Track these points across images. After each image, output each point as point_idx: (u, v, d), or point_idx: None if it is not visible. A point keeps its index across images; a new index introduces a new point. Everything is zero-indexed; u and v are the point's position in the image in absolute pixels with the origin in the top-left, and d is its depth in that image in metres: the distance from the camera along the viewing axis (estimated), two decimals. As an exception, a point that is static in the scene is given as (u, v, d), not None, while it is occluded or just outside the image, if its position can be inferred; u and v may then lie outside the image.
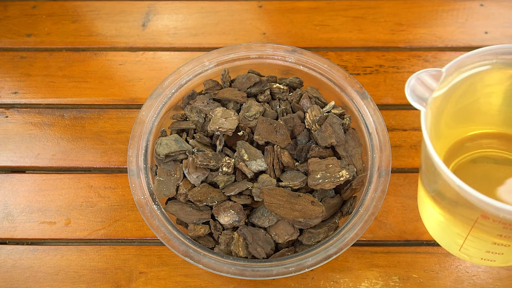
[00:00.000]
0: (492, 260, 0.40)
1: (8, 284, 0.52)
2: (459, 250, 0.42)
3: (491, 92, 0.41)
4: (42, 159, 0.61)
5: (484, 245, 0.39)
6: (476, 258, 0.41)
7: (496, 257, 0.39)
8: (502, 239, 0.36)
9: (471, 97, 0.41)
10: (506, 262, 0.42)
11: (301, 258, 0.45)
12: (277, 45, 0.57)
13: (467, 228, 0.38)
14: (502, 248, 0.37)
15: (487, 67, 0.39)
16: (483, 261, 0.41)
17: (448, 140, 0.43)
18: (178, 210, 0.49)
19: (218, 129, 0.50)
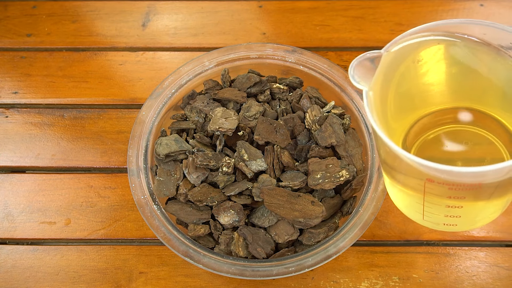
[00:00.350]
0: (454, 224, 0.41)
1: (8, 284, 0.52)
2: (422, 219, 0.42)
3: (429, 69, 0.42)
4: (42, 159, 0.61)
5: (440, 209, 0.39)
6: (439, 225, 0.42)
7: (455, 220, 0.40)
8: (453, 201, 0.36)
9: (414, 76, 0.42)
10: (467, 226, 0.43)
11: (301, 258, 0.45)
12: (277, 45, 0.57)
13: (420, 194, 0.38)
14: (457, 210, 0.38)
15: (419, 40, 0.41)
16: (445, 227, 0.42)
17: (408, 120, 0.43)
18: (178, 210, 0.49)
19: (218, 129, 0.50)
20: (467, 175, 0.33)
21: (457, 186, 0.34)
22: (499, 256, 0.53)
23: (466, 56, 0.41)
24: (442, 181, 0.34)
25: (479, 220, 0.42)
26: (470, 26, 0.39)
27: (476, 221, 0.42)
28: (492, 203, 0.39)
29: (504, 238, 0.54)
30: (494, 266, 0.52)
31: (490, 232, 0.55)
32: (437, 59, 0.42)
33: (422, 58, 0.41)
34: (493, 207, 0.41)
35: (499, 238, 0.54)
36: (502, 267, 0.52)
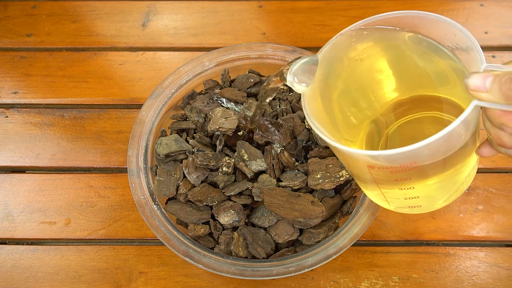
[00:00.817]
0: (418, 205, 0.41)
1: (8, 284, 0.52)
2: (389, 205, 0.42)
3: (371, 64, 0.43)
4: (42, 159, 0.61)
5: (396, 193, 0.40)
6: (405, 208, 0.42)
7: (416, 201, 0.40)
8: (402, 183, 0.37)
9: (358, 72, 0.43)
10: (431, 205, 0.43)
11: (301, 258, 0.45)
12: (277, 45, 0.57)
13: (373, 183, 0.39)
14: (411, 191, 0.39)
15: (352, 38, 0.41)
16: (411, 209, 0.42)
17: (366, 117, 0.44)
18: (178, 210, 0.49)
19: (218, 129, 0.50)
20: (384, 157, 0.34)
21: (395, 169, 0.35)
22: (499, 256, 0.53)
23: (398, 47, 0.42)
24: (380, 166, 0.35)
25: (441, 197, 0.42)
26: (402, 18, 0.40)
27: (438, 199, 0.43)
28: (446, 179, 0.39)
29: (504, 238, 0.54)
30: (494, 266, 0.52)
31: (490, 232, 0.55)
32: (374, 54, 0.42)
33: (361, 55, 0.42)
34: (450, 183, 0.41)
35: (499, 238, 0.54)
36: (502, 267, 0.52)
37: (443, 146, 0.33)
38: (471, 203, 0.57)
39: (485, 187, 0.58)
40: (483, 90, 0.30)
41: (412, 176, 0.36)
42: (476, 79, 0.31)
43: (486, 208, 0.56)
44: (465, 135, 0.34)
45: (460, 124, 0.30)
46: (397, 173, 0.35)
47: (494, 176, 0.58)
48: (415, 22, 0.40)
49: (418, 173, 0.36)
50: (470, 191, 0.58)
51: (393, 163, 0.34)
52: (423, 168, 0.35)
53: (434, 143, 0.31)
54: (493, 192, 0.57)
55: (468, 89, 0.31)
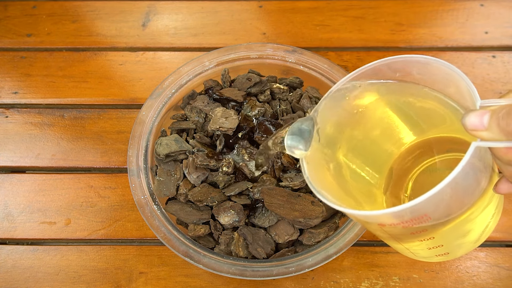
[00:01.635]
0: (445, 253, 0.40)
1: (8, 284, 0.52)
2: (416, 257, 0.41)
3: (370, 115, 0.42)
4: (42, 159, 0.61)
5: (418, 245, 0.38)
6: (432, 257, 0.41)
7: (442, 249, 0.39)
8: (421, 235, 0.36)
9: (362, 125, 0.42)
10: (460, 249, 0.42)
11: (301, 258, 0.45)
12: (277, 45, 0.57)
13: (391, 239, 0.38)
14: (433, 241, 0.37)
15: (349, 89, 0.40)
16: (441, 257, 0.41)
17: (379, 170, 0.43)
18: (178, 210, 0.49)
19: (219, 128, 0.50)
20: (372, 218, 0.33)
21: (406, 223, 0.33)
22: (499, 256, 0.53)
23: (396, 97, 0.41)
24: (389, 223, 0.34)
25: (469, 239, 0.40)
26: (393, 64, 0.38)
27: (465, 242, 0.40)
28: (466, 223, 0.37)
29: (505, 238, 0.54)
30: (494, 266, 0.52)
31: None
32: (373, 106, 0.41)
33: (359, 108, 0.41)
34: (472, 225, 0.39)
35: (499, 238, 0.54)
36: (503, 267, 0.52)
37: (451, 194, 0.31)
38: (471, 203, 0.57)
39: (485, 187, 0.58)
40: (481, 129, 0.29)
41: (427, 228, 0.34)
42: (473, 118, 0.29)
43: (486, 208, 0.56)
44: (478, 179, 0.32)
45: (464, 169, 0.28)
46: (410, 227, 0.34)
47: (494, 176, 0.58)
48: (404, 66, 0.38)
49: (432, 223, 0.34)
50: (470, 191, 0.57)
51: (400, 218, 0.33)
52: (432, 220, 0.33)
53: (437, 196, 0.29)
54: (493, 192, 0.57)
55: (466, 130, 0.30)
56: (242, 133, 0.52)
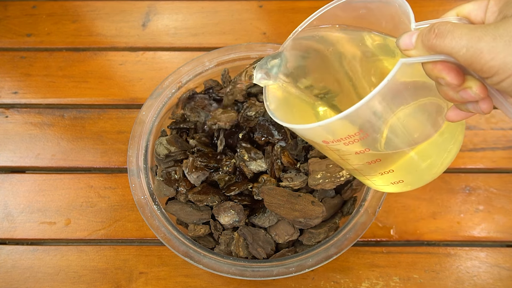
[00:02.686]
0: (400, 180, 0.40)
1: (8, 284, 0.52)
2: (374, 184, 0.42)
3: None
4: (42, 159, 0.61)
5: (368, 168, 0.40)
6: (388, 186, 0.41)
7: (395, 175, 0.39)
8: (365, 156, 0.37)
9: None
10: (415, 178, 0.41)
11: (302, 258, 0.45)
12: (277, 45, 0.57)
13: (340, 159, 0.40)
14: (380, 165, 0.38)
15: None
16: (396, 186, 0.41)
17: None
18: (178, 210, 0.49)
19: (216, 122, 0.50)
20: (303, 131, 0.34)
21: (345, 140, 0.34)
22: (500, 256, 0.53)
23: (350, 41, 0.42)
24: (329, 140, 0.35)
25: (425, 168, 0.40)
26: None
27: (420, 170, 0.40)
28: (421, 148, 0.38)
29: (505, 239, 0.54)
30: (495, 266, 0.52)
31: (491, 233, 0.55)
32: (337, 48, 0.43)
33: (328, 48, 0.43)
34: (429, 151, 0.39)
35: (500, 238, 0.54)
36: (503, 267, 0.52)
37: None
38: (471, 203, 0.57)
39: (486, 187, 0.58)
40: (411, 48, 0.30)
41: (367, 145, 0.35)
42: (404, 38, 0.31)
43: (486, 208, 0.56)
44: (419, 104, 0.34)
45: (389, 84, 0.30)
46: (350, 145, 0.35)
47: (495, 176, 0.58)
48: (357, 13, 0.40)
49: (371, 141, 0.35)
50: (471, 191, 0.57)
51: (333, 134, 0.34)
52: (369, 136, 0.35)
53: (364, 108, 0.30)
54: (493, 192, 0.57)
55: (401, 50, 0.31)
56: (242, 133, 0.52)
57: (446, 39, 0.28)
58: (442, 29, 0.28)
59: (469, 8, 0.32)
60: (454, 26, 0.28)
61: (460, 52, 0.27)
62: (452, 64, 0.29)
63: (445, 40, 0.28)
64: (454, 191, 0.57)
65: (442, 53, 0.29)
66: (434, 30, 0.29)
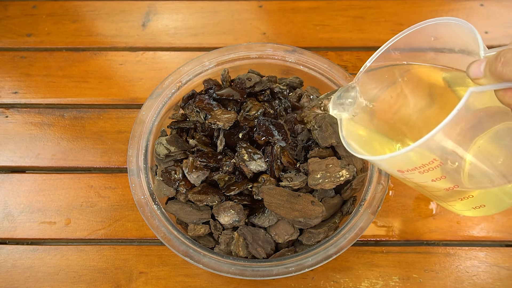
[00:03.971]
0: (481, 205, 0.40)
1: (8, 284, 0.52)
2: (455, 209, 0.42)
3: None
4: (42, 159, 0.61)
5: (450, 194, 0.39)
6: (469, 211, 0.41)
7: (474, 201, 0.39)
8: (441, 183, 0.37)
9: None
10: (499, 205, 0.41)
11: (301, 258, 0.45)
12: (277, 45, 0.57)
13: (423, 188, 0.39)
14: (459, 191, 0.38)
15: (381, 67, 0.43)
16: (477, 210, 0.41)
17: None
18: (178, 210, 0.49)
19: (215, 122, 0.50)
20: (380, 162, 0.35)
21: (420, 169, 0.34)
22: (499, 256, 0.53)
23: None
24: (404, 169, 0.35)
25: (509, 191, 0.39)
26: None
27: (504, 193, 0.40)
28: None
29: (504, 238, 0.54)
30: (494, 266, 0.52)
31: (490, 232, 0.55)
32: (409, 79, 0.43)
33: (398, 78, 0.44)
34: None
35: (499, 238, 0.54)
36: (503, 267, 0.52)
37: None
38: (471, 203, 0.57)
39: (485, 187, 0.58)
40: (480, 76, 0.30)
41: (443, 173, 0.36)
42: (473, 67, 0.31)
43: (486, 208, 0.56)
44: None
45: (459, 114, 0.29)
46: (426, 173, 0.35)
47: (494, 176, 0.58)
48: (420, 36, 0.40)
49: (446, 169, 0.36)
50: (470, 191, 0.58)
51: (409, 163, 0.34)
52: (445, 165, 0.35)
53: (433, 139, 0.30)
54: (493, 192, 0.57)
55: (472, 80, 0.31)
56: (242, 133, 0.52)
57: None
58: (508, 57, 0.28)
59: None
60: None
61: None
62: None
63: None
64: (454, 191, 0.58)
65: (511, 81, 0.29)
66: (501, 58, 0.29)
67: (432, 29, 0.38)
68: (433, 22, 0.38)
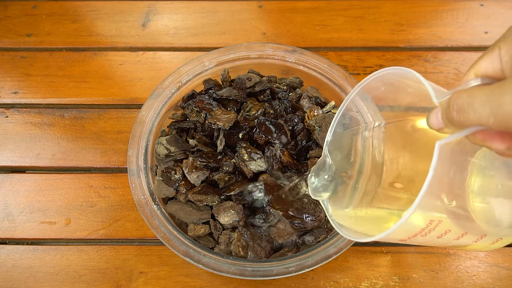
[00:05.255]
0: (499, 238, 0.39)
1: (8, 284, 0.52)
2: (476, 249, 0.41)
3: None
4: (42, 159, 0.61)
5: (461, 242, 0.38)
6: (490, 246, 0.40)
7: (491, 238, 0.39)
8: (450, 235, 0.35)
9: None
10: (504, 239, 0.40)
11: (301, 258, 0.45)
12: (277, 45, 0.57)
13: (433, 244, 0.38)
14: (470, 236, 0.37)
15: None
16: (498, 243, 0.39)
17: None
18: (178, 210, 0.49)
19: (215, 122, 0.50)
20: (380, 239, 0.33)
21: (420, 233, 0.33)
22: (499, 256, 0.53)
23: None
24: (404, 238, 0.34)
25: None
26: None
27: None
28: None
29: (504, 238, 0.54)
30: (494, 266, 0.52)
31: (490, 232, 0.55)
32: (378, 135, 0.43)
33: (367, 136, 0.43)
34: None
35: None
36: (502, 267, 0.52)
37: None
38: (471, 203, 0.57)
39: (485, 187, 0.58)
40: (442, 126, 0.28)
41: (451, 228, 0.34)
42: (432, 118, 0.29)
43: (486, 208, 0.56)
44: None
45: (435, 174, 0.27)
46: (431, 233, 0.34)
47: (494, 176, 0.58)
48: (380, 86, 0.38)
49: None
50: (470, 191, 0.58)
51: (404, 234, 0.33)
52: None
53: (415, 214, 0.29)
54: (493, 192, 0.57)
55: (435, 130, 0.29)
56: (242, 133, 0.52)
57: (469, 113, 0.26)
58: (460, 103, 0.26)
59: (484, 65, 0.29)
60: (470, 96, 0.26)
61: (490, 122, 0.25)
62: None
63: (469, 115, 0.26)
64: (454, 191, 0.58)
65: (471, 126, 0.27)
66: (454, 106, 0.27)
67: (386, 79, 0.37)
68: (377, 74, 0.36)
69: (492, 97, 0.25)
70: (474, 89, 0.26)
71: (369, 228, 0.40)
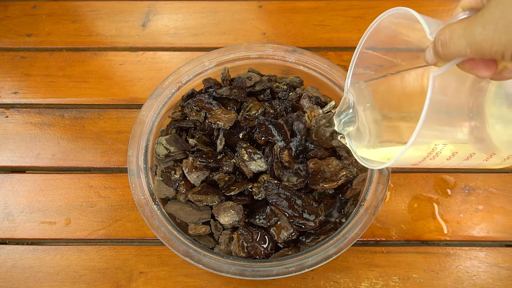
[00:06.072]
0: (510, 155, 0.40)
1: (8, 284, 0.52)
2: (491, 166, 0.41)
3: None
4: (42, 159, 0.61)
5: (471, 162, 0.39)
6: (502, 164, 0.41)
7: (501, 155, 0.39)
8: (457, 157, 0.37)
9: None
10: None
11: (301, 258, 0.45)
12: (277, 45, 0.57)
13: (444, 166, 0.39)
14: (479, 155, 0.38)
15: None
16: (507, 162, 0.41)
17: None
18: (178, 210, 0.49)
19: (216, 121, 0.50)
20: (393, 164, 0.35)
21: (430, 156, 0.35)
22: (499, 256, 0.53)
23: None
24: (416, 162, 0.36)
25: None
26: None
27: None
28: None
29: (504, 238, 0.54)
30: (494, 266, 0.52)
31: (490, 232, 0.55)
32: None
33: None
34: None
35: (499, 238, 0.54)
36: (503, 267, 0.52)
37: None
38: (471, 203, 0.57)
39: (486, 187, 0.58)
40: (436, 61, 0.31)
41: (458, 149, 0.36)
42: (427, 54, 0.31)
43: (486, 208, 0.56)
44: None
45: (432, 102, 0.30)
46: (439, 156, 0.36)
47: (495, 176, 0.58)
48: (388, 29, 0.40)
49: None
50: (471, 191, 0.57)
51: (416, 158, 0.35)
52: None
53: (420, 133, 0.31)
54: (493, 192, 0.57)
55: (434, 66, 0.32)
56: (242, 133, 0.52)
57: (450, 47, 0.29)
58: (443, 38, 0.29)
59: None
60: (451, 31, 0.29)
61: (468, 52, 0.28)
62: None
63: (450, 48, 0.29)
64: (454, 191, 0.58)
65: (456, 58, 0.29)
66: (438, 42, 0.30)
67: (389, 25, 0.39)
68: (381, 18, 0.38)
69: (467, 30, 0.28)
70: (454, 24, 0.29)
71: (385, 158, 0.43)
